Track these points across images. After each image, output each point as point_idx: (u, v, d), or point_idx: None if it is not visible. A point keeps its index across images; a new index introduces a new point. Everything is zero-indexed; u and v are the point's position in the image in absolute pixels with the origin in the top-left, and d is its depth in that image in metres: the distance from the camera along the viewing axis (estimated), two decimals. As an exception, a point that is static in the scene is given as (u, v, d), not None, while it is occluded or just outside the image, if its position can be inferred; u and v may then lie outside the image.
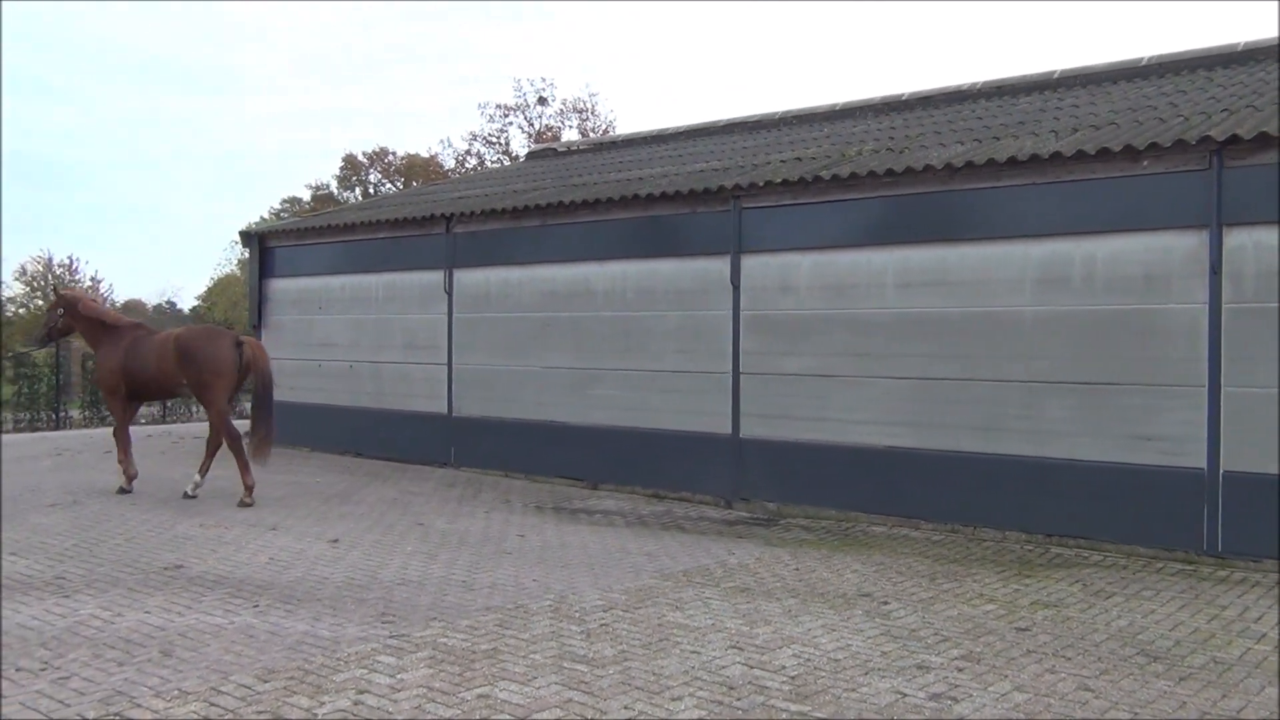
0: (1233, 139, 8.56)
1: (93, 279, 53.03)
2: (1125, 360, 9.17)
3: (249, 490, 11.34)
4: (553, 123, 48.81)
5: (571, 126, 48.55)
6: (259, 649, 6.13)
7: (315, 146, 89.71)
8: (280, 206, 58.69)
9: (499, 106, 49.40)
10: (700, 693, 5.42)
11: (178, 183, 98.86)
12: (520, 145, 47.08)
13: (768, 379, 11.35)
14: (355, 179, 56.09)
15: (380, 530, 9.97)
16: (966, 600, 7.41)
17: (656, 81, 75.96)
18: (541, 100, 48.80)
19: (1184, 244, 8.91)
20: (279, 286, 17.40)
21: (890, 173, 10.37)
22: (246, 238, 18.20)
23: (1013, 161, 9.64)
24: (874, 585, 7.86)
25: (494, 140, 49.44)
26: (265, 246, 17.63)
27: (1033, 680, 5.67)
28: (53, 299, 12.95)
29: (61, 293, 12.88)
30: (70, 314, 12.33)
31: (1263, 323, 8.53)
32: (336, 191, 55.55)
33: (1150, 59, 13.79)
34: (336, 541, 9.40)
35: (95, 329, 12.19)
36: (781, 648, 6.22)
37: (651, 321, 12.36)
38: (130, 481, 11.99)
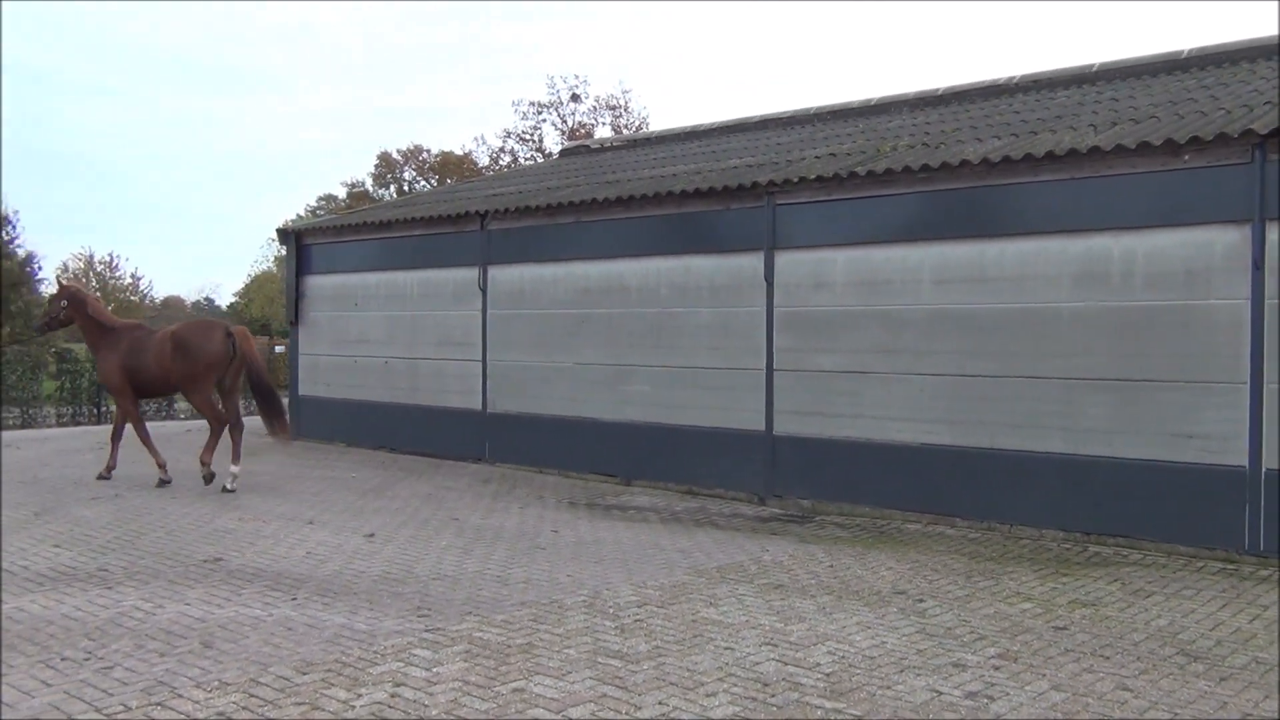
0: (1276, 132, 8.41)
1: (133, 276, 53.85)
2: (1165, 357, 9.06)
3: (205, 466, 12.04)
4: (586, 120, 48.89)
5: (605, 123, 48.60)
6: (297, 641, 6.19)
7: (351, 144, 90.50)
8: (316, 204, 59.23)
9: (532, 104, 49.54)
10: (734, 689, 5.42)
11: (216, 181, 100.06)
12: (554, 142, 47.22)
13: (802, 375, 11.31)
14: (390, 176, 56.46)
15: (415, 525, 10.05)
16: (1003, 598, 7.36)
17: (689, 78, 75.87)
18: (575, 97, 48.90)
19: (1226, 239, 8.78)
20: (315, 283, 17.56)
21: (926, 168, 10.30)
22: (283, 235, 18.36)
23: (1050, 156, 9.55)
24: (909, 583, 7.82)
25: (527, 137, 49.60)
26: (302, 244, 17.79)
27: (1070, 679, 5.62)
28: (57, 289, 13.26)
29: (65, 286, 13.16)
30: (74, 308, 12.70)
31: (1307, 319, 8.40)
32: (371, 189, 55.96)
33: (1190, 51, 13.59)
34: (372, 536, 9.48)
35: (94, 329, 12.61)
36: (816, 645, 6.21)
37: (685, 318, 12.36)
38: (164, 469, 12.36)
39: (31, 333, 13.32)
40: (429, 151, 55.88)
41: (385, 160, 56.26)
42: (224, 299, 69.12)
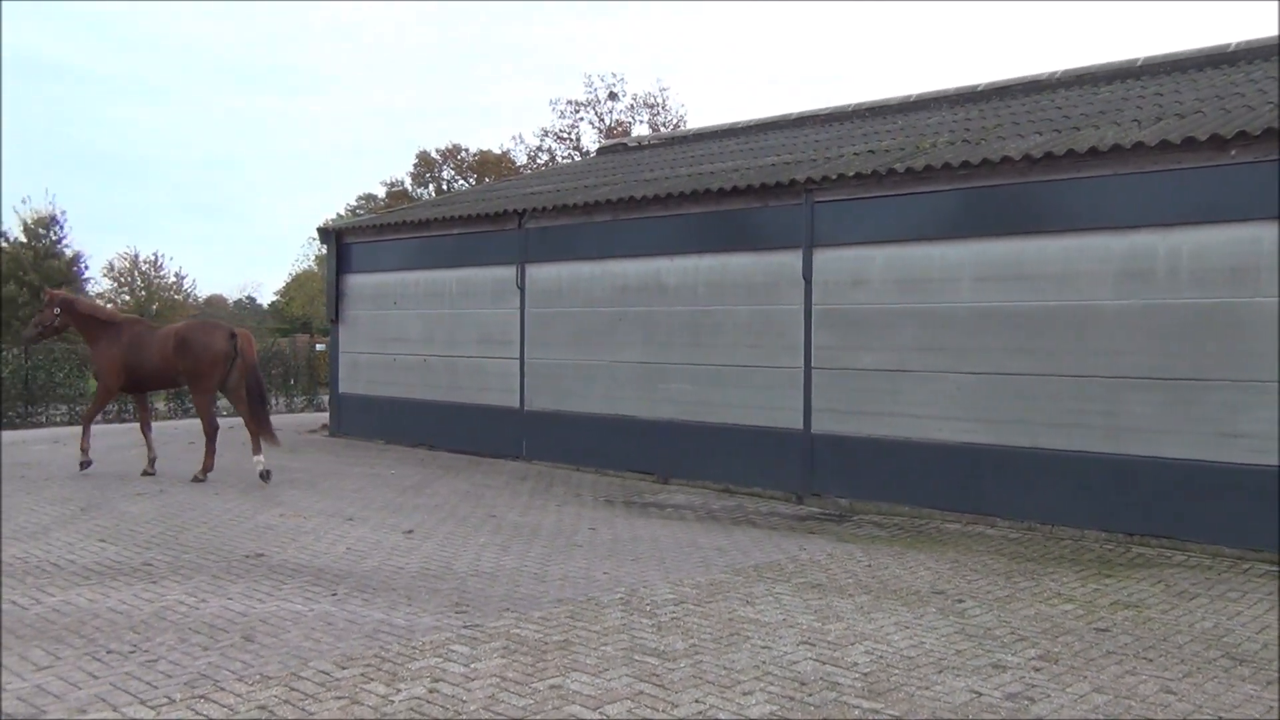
0: (1326, 126, 8.26)
1: (177, 275, 54.54)
2: (1212, 355, 8.91)
3: (204, 471, 12.44)
4: (623, 118, 48.96)
5: (642, 121, 48.66)
6: (337, 636, 6.25)
7: (390, 143, 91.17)
8: (356, 203, 59.74)
9: (570, 102, 49.70)
10: (771, 688, 5.40)
11: (258, 180, 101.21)
12: (591, 140, 47.33)
13: (840, 374, 11.25)
14: (429, 175, 56.83)
15: (454, 522, 10.11)
16: (1044, 599, 7.28)
17: (727, 76, 75.69)
18: (612, 95, 48.98)
19: (1273, 235, 8.61)
20: (355, 282, 17.72)
21: (966, 165, 10.21)
22: (324, 234, 18.55)
23: (1094, 152, 9.42)
24: (948, 583, 7.76)
25: (565, 136, 49.76)
26: (342, 243, 17.96)
27: (1113, 682, 5.55)
28: (45, 299, 13.59)
29: (54, 293, 13.46)
30: (67, 313, 13.07)
31: (1358, 317, 8.23)
32: (410, 188, 56.34)
33: (1238, 45, 13.37)
34: (411, 532, 9.55)
35: (93, 325, 12.96)
36: (854, 644, 6.18)
37: (722, 316, 12.34)
38: (88, 456, 12.95)
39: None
40: (467, 151, 56.20)
41: (424, 159, 56.64)
42: (265, 297, 69.93)
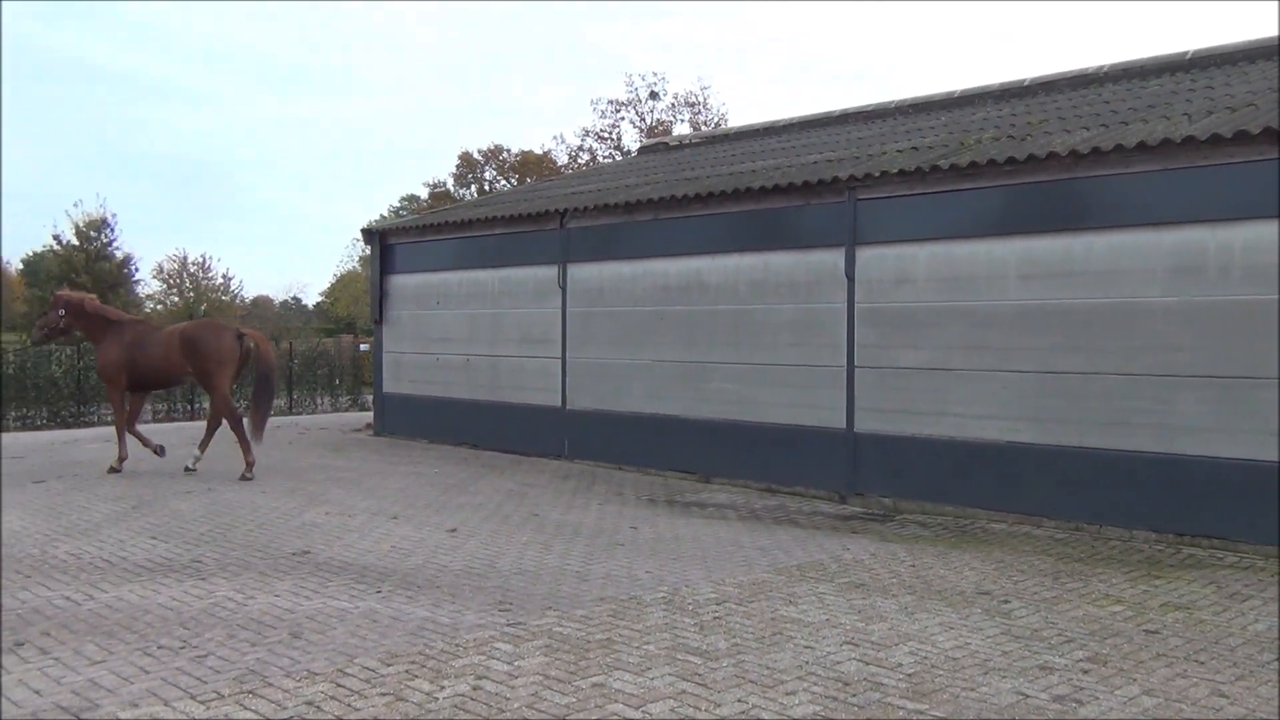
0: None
1: (224, 276, 55.36)
2: (1263, 353, 8.74)
3: (249, 467, 12.54)
4: (664, 117, 48.97)
5: (683, 120, 48.63)
6: (382, 633, 6.31)
7: (433, 145, 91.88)
8: (399, 204, 60.30)
9: (611, 102, 49.81)
10: (814, 688, 5.38)
11: (304, 182, 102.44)
12: (632, 140, 47.37)
13: (883, 372, 11.17)
14: (471, 176, 57.22)
15: (497, 520, 10.16)
16: (1092, 600, 7.18)
17: (769, 74, 75.40)
18: (653, 95, 49.00)
19: (1329, 230, 8.44)
20: (399, 282, 17.87)
21: (1012, 161, 10.09)
22: (368, 235, 18.72)
23: (1142, 146, 9.28)
24: (994, 583, 7.68)
25: (606, 136, 49.87)
26: (386, 243, 18.11)
27: (1163, 684, 5.47)
28: (51, 300, 13.82)
29: (59, 295, 13.67)
30: (73, 314, 13.27)
31: None
32: (453, 189, 56.76)
33: (1292, 36, 13.09)
34: (455, 531, 9.62)
35: (98, 325, 13.20)
36: (898, 645, 6.13)
37: (764, 315, 12.29)
38: (121, 463, 13.01)
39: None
40: (509, 151, 56.53)
41: (466, 160, 57.04)
42: (311, 298, 70.71)
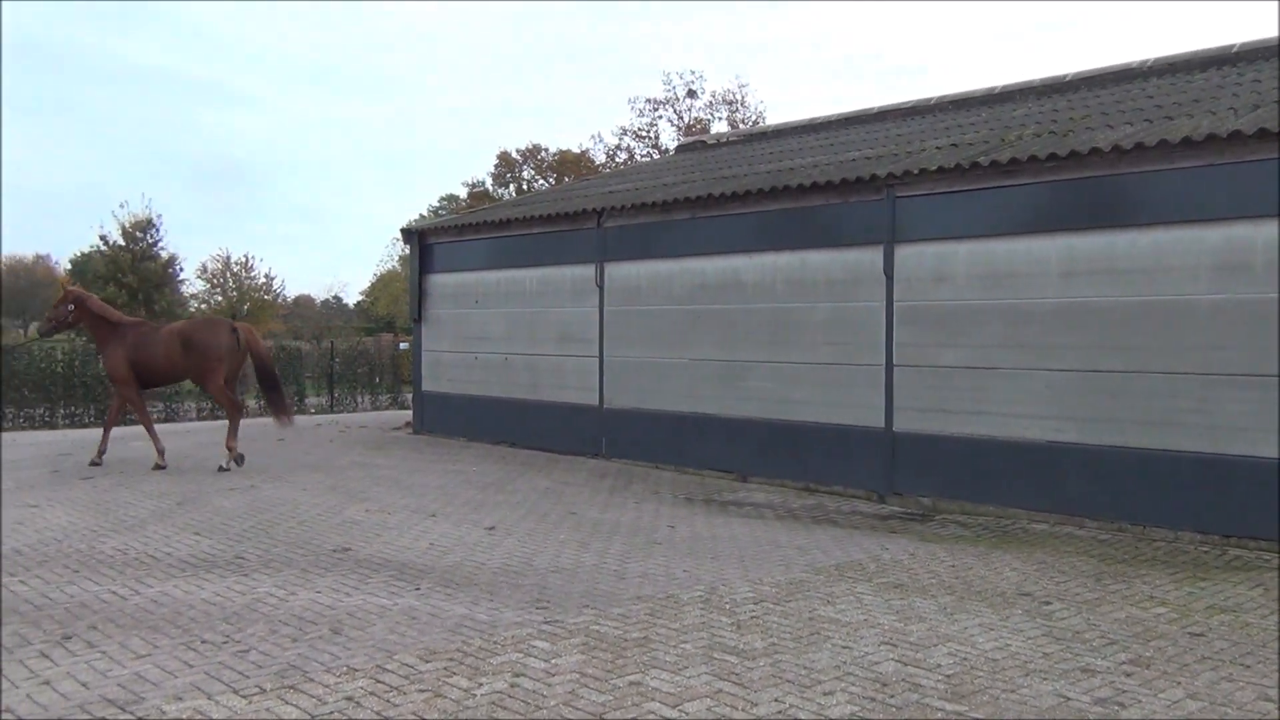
0: None
1: (267, 276, 55.93)
2: (1313, 351, 8.58)
3: (231, 453, 13.11)
4: (702, 115, 48.87)
5: (721, 118, 48.50)
6: (421, 630, 6.36)
7: (471, 144, 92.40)
8: (438, 204, 60.65)
9: (648, 101, 49.78)
10: (852, 688, 5.35)
11: (344, 182, 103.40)
12: (670, 139, 47.33)
13: (922, 371, 11.09)
14: (509, 175, 57.41)
15: (534, 519, 10.20)
16: (1135, 602, 7.08)
17: (807, 71, 75.04)
18: (691, 93, 48.92)
19: (1381, 226, 8.27)
20: (438, 281, 17.98)
21: (1053, 157, 9.98)
22: (407, 234, 18.86)
23: (1187, 142, 9.14)
24: (1035, 584, 7.59)
25: (644, 134, 49.84)
26: (425, 243, 18.24)
27: (1207, 688, 5.38)
28: (62, 294, 14.09)
29: (70, 290, 13.97)
30: (80, 309, 13.63)
31: None
32: (491, 188, 56.98)
33: (1342, 28, 12.83)
34: (493, 529, 9.67)
35: (101, 326, 13.55)
36: (936, 645, 6.09)
37: (802, 313, 12.24)
38: (162, 456, 13.32)
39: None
40: (547, 150, 56.64)
41: (505, 159, 57.24)
42: (351, 297, 71.36)
